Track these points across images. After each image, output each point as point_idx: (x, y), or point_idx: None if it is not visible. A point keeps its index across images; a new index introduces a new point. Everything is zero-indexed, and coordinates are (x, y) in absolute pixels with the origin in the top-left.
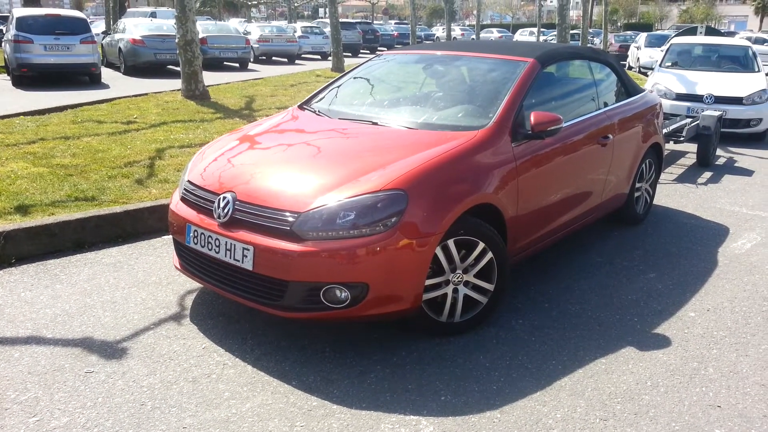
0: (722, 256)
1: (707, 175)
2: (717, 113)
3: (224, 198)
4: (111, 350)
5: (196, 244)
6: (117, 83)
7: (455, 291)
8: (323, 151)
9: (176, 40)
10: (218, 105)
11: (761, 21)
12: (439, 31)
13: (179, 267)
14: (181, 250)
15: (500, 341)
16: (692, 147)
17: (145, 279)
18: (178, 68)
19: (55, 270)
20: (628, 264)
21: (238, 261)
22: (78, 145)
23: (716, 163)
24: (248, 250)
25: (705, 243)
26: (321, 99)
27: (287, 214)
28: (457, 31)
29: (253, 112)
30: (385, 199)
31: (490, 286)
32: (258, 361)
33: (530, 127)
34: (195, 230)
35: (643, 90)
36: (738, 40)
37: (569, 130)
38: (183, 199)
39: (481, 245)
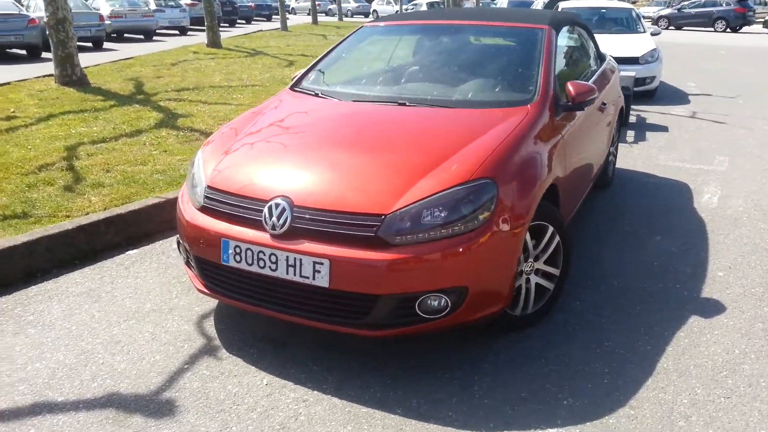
0: (702, 212)
1: (632, 133)
2: (632, 73)
3: (277, 205)
4: (153, 405)
5: (239, 262)
6: None
7: (527, 281)
8: (373, 140)
9: (45, 19)
10: (103, 91)
11: None
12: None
13: (207, 290)
14: (211, 270)
15: (575, 328)
16: None
17: (138, 308)
18: (21, 52)
19: (15, 310)
20: (629, 229)
21: (308, 278)
22: None
23: (630, 121)
24: (322, 264)
25: (678, 200)
26: (315, 80)
27: (369, 218)
28: None
29: (150, 96)
30: (475, 190)
31: (556, 271)
32: (341, 391)
33: (570, 98)
34: (237, 246)
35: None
36: (622, 3)
37: None
38: (206, 209)
39: (551, 229)
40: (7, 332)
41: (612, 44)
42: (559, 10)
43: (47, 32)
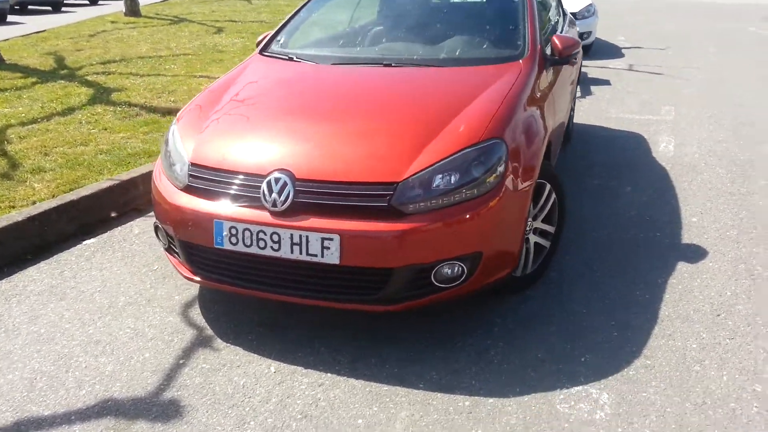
0: (662, 161)
1: (578, 88)
2: (577, 29)
3: (277, 179)
4: (156, 408)
5: (235, 244)
6: None
7: (526, 240)
8: (368, 104)
9: None
10: (21, 67)
11: None
12: None
13: (196, 277)
14: (200, 255)
15: (573, 284)
16: None
17: (111, 302)
18: None
19: None
20: (599, 182)
21: (315, 255)
22: None
23: None
24: (331, 240)
25: (637, 151)
26: (286, 43)
27: (380, 187)
28: None
29: (74, 71)
30: (485, 151)
31: (552, 229)
32: (356, 371)
33: (557, 52)
34: (232, 227)
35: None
36: None
37: None
38: (191, 189)
39: (548, 187)
40: None
41: None
42: None
43: None
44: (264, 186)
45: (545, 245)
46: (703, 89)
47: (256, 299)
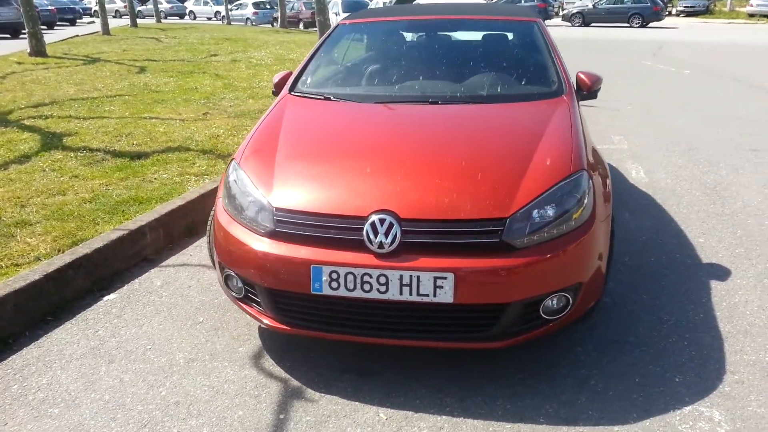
0: (642, 187)
1: None
2: None
3: (382, 221)
4: None
5: (335, 289)
6: None
7: None
8: (440, 141)
9: None
10: None
11: None
12: None
13: (282, 326)
14: (291, 302)
15: (628, 308)
16: None
17: (170, 360)
18: None
19: (10, 389)
20: None
21: (427, 295)
22: None
23: None
24: (444, 278)
25: (615, 178)
26: (315, 83)
27: (491, 222)
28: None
29: (5, 115)
30: (575, 183)
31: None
32: (469, 411)
33: (585, 88)
34: (333, 272)
35: None
36: None
37: None
38: (278, 235)
39: None
40: (19, 420)
41: None
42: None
43: None
44: (367, 228)
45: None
46: (639, 119)
47: (329, 344)
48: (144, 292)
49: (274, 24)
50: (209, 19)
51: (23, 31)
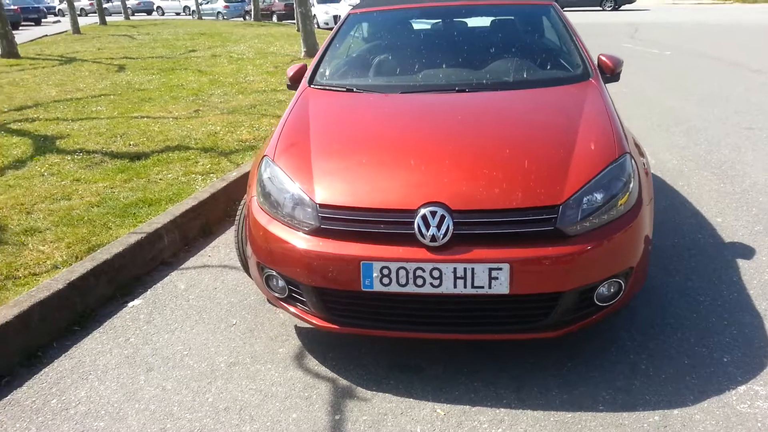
0: (651, 169)
1: None
2: None
3: (433, 213)
4: None
5: (387, 284)
6: None
7: None
8: (481, 128)
9: None
10: None
11: None
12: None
13: (332, 325)
14: (341, 301)
15: (662, 290)
16: None
17: (211, 365)
18: None
19: (49, 403)
20: None
21: (482, 287)
22: None
23: None
24: (500, 269)
25: None
26: (334, 75)
27: (545, 210)
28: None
29: None
30: (621, 168)
31: None
32: (526, 403)
33: (608, 70)
34: (384, 267)
35: None
36: None
37: None
38: (324, 231)
39: None
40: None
41: None
42: None
43: None
44: (418, 221)
45: None
46: (635, 100)
47: (371, 341)
48: (169, 297)
49: (247, 17)
50: (178, 14)
51: None
